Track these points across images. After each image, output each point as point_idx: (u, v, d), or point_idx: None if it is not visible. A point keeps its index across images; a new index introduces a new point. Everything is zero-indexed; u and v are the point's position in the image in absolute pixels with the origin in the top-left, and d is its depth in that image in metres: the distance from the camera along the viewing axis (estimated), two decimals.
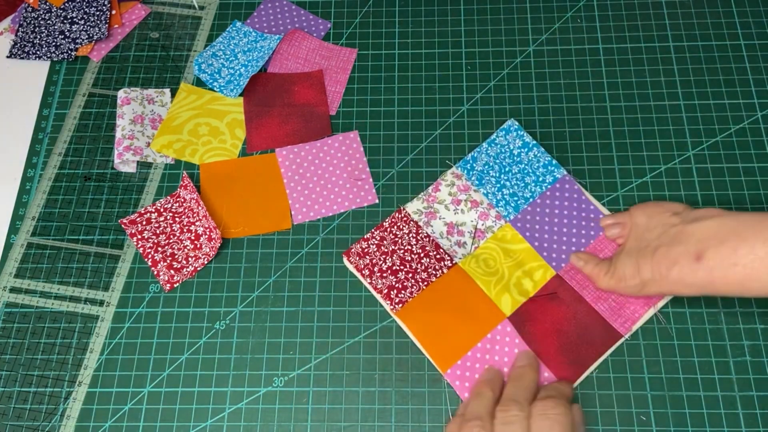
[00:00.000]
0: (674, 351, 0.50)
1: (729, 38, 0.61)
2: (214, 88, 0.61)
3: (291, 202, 0.57)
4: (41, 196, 0.58)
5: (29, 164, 0.59)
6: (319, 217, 0.56)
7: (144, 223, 0.56)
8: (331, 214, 0.56)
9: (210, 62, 0.62)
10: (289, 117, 0.60)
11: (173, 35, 0.64)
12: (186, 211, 0.56)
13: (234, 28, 0.64)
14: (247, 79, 0.60)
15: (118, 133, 0.59)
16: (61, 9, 0.64)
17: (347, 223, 0.56)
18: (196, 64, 0.62)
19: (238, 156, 0.59)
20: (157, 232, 0.56)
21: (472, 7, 0.64)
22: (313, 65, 0.62)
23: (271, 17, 0.65)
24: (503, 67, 0.61)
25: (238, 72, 0.61)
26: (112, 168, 0.59)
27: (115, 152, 0.58)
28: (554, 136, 0.58)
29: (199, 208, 0.55)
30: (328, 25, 0.64)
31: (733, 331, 0.50)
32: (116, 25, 0.64)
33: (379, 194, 0.57)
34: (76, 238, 0.56)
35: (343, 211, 0.56)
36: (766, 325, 0.50)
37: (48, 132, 0.61)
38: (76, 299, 0.54)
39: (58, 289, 0.54)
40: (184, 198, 0.56)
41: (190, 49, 0.64)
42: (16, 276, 0.55)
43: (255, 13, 0.65)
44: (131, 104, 0.60)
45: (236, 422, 0.50)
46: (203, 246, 0.55)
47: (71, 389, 0.51)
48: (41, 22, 0.64)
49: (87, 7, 0.64)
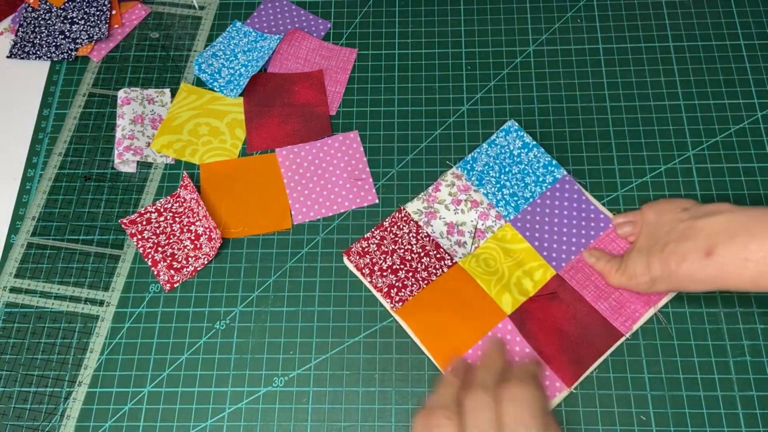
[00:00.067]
0: (674, 351, 0.50)
1: (729, 38, 0.61)
2: (214, 88, 0.61)
3: (291, 202, 0.57)
4: (41, 196, 0.58)
5: (29, 164, 0.59)
6: (319, 217, 0.56)
7: (144, 223, 0.56)
8: (331, 214, 0.56)
9: (210, 62, 0.62)
10: (289, 117, 0.60)
11: (173, 35, 0.64)
12: (186, 211, 0.56)
13: (234, 28, 0.64)
14: (247, 79, 0.60)
15: (118, 133, 0.59)
16: (61, 9, 0.64)
17: (347, 223, 0.56)
18: (196, 64, 0.62)
19: (238, 156, 0.59)
20: (157, 232, 0.56)
21: (472, 7, 0.64)
22: (313, 65, 0.62)
23: (271, 17, 0.65)
24: (503, 67, 0.61)
25: (238, 72, 0.61)
26: (112, 168, 0.59)
27: (115, 152, 0.58)
28: (554, 136, 0.58)
29: (199, 208, 0.55)
30: (328, 25, 0.64)
31: (733, 331, 0.50)
32: (116, 25, 0.64)
33: (379, 194, 0.57)
34: (76, 238, 0.56)
35: (343, 211, 0.56)
36: (766, 325, 0.50)
37: (48, 132, 0.61)
38: (76, 299, 0.54)
39: (58, 289, 0.54)
40: (184, 198, 0.56)
41: (190, 49, 0.64)
42: (16, 276, 0.55)
43: (255, 13, 0.65)
44: (131, 104, 0.60)
45: (236, 422, 0.50)
46: (203, 246, 0.55)
47: (71, 389, 0.51)
48: (41, 22, 0.64)
49: (87, 7, 0.64)
